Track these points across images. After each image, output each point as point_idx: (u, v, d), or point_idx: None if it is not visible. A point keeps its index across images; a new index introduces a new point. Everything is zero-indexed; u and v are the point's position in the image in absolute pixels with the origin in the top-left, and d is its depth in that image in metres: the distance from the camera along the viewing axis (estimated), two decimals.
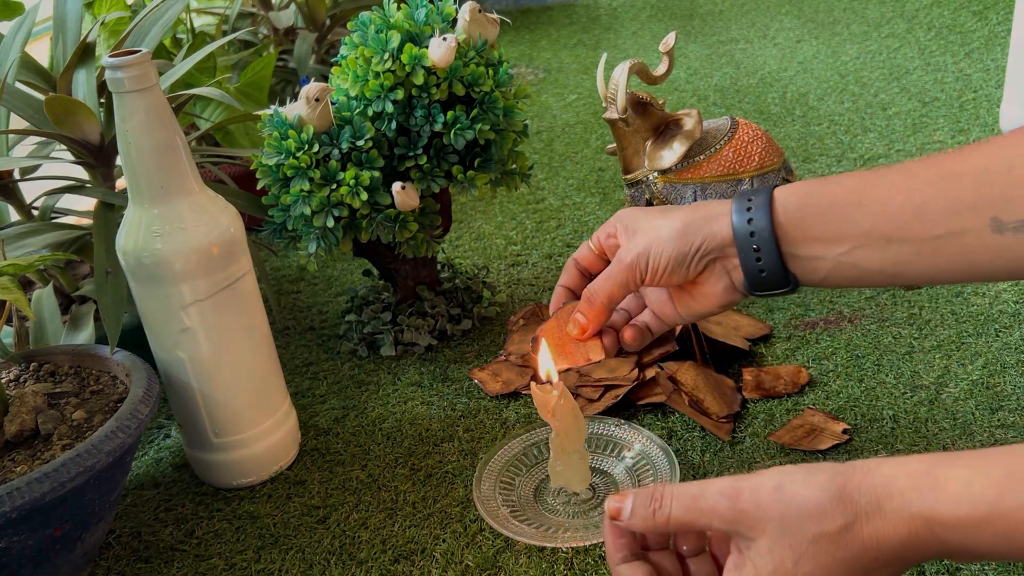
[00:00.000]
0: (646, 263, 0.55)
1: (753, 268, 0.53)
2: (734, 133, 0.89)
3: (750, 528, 0.41)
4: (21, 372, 0.71)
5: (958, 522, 0.37)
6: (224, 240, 0.66)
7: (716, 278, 0.55)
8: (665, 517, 0.44)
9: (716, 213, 0.54)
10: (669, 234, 0.54)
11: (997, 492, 0.36)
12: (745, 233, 0.52)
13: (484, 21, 0.80)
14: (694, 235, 0.54)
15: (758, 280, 0.53)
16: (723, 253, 0.54)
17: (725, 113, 1.44)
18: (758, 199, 0.52)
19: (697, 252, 0.54)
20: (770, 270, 0.52)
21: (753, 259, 0.52)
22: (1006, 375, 0.74)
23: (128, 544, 0.69)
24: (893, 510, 0.38)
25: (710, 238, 0.53)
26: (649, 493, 0.45)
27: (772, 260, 0.52)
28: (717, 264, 0.54)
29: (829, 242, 0.51)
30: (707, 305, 0.57)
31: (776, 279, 0.53)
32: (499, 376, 0.82)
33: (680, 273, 0.54)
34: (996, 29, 1.64)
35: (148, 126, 0.61)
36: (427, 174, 0.80)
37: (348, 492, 0.71)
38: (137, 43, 0.86)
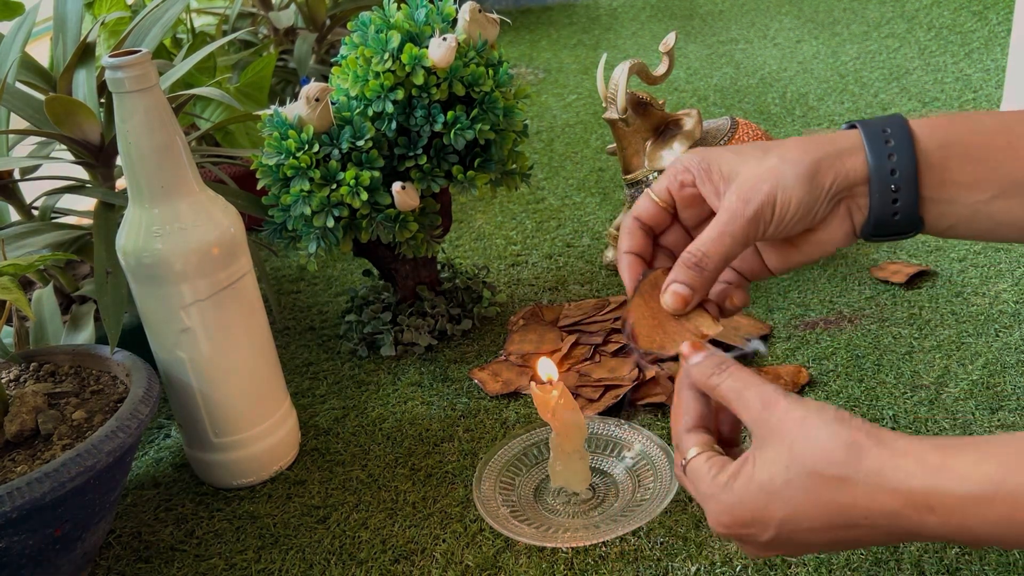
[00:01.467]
0: (772, 211, 0.46)
1: (887, 211, 0.46)
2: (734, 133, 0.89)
3: (765, 436, 0.43)
4: (21, 372, 0.71)
5: (959, 499, 0.37)
6: (224, 240, 0.66)
7: (839, 222, 0.48)
8: (716, 383, 0.46)
9: (846, 147, 0.46)
10: (796, 175, 0.46)
11: (1003, 472, 0.36)
12: (885, 172, 0.45)
13: (484, 21, 0.80)
14: (826, 174, 0.46)
15: (888, 223, 0.47)
16: (853, 192, 0.47)
17: (725, 113, 1.44)
18: (896, 131, 0.46)
19: (828, 192, 0.46)
20: (905, 212, 0.46)
21: (889, 200, 0.46)
22: (1006, 375, 0.74)
23: (128, 544, 0.69)
24: (894, 480, 0.39)
25: (842, 177, 0.46)
26: (719, 359, 0.46)
27: (909, 202, 0.46)
28: (843, 205, 0.47)
29: (969, 187, 0.45)
30: (816, 253, 0.49)
31: (908, 221, 0.47)
32: (499, 376, 0.82)
33: (807, 220, 0.47)
34: (996, 29, 1.64)
35: (148, 126, 0.61)
36: (427, 174, 0.80)
37: (348, 492, 0.71)
38: (137, 43, 0.86)
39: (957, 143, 0.46)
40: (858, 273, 0.92)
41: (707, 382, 0.46)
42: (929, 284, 0.89)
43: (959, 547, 0.58)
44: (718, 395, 0.46)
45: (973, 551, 0.58)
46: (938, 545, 0.58)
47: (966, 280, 0.88)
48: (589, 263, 1.02)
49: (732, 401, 0.45)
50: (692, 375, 0.47)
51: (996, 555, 0.57)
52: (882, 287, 0.89)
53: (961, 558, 0.57)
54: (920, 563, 0.57)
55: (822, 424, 0.41)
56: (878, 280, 0.90)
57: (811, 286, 0.91)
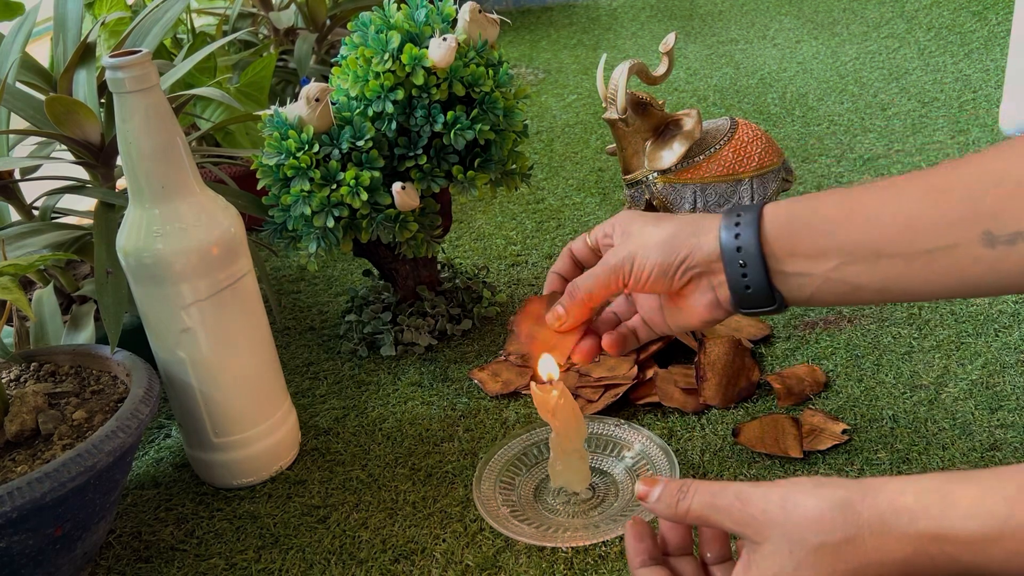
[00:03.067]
0: (630, 268, 0.55)
1: (739, 284, 0.52)
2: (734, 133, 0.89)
3: (756, 532, 0.42)
4: (21, 372, 0.71)
5: (967, 539, 0.36)
6: (224, 240, 0.66)
7: (701, 292, 0.55)
8: (685, 508, 0.45)
9: (705, 227, 0.53)
10: (656, 242, 0.54)
11: (1009, 508, 0.36)
12: (732, 248, 0.52)
13: (484, 21, 0.80)
14: (680, 246, 0.53)
15: (744, 297, 0.53)
16: (709, 268, 0.53)
17: (725, 113, 1.44)
18: (747, 215, 0.52)
19: (682, 264, 0.54)
20: (756, 287, 0.52)
21: (739, 275, 0.52)
22: (1006, 375, 0.74)
23: (128, 544, 0.69)
24: (898, 527, 0.38)
25: (696, 251, 0.53)
26: (678, 484, 0.46)
27: (758, 277, 0.52)
28: (703, 279, 0.54)
29: (817, 257, 0.50)
30: (691, 318, 0.56)
31: (762, 296, 0.52)
32: (499, 376, 0.82)
33: (663, 283, 0.54)
34: (996, 29, 1.64)
35: (148, 126, 0.61)
36: (427, 174, 0.80)
37: (348, 492, 0.71)
38: (137, 43, 0.86)
39: (801, 218, 0.51)
40: None
41: (676, 512, 0.46)
42: None
43: None
44: (692, 519, 0.45)
45: None
46: None
47: None
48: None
49: (709, 517, 0.44)
50: (658, 511, 0.47)
51: None
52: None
53: None
54: None
55: (805, 496, 0.41)
56: None
57: None
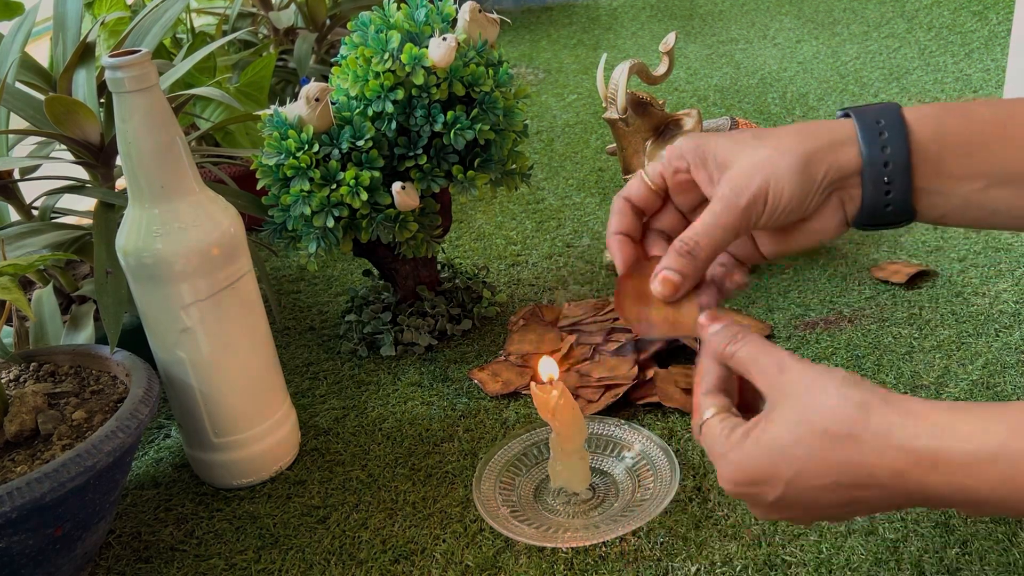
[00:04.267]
0: (764, 204, 0.46)
1: (880, 202, 0.46)
2: None
3: (777, 399, 0.43)
4: (21, 372, 0.71)
5: (963, 459, 0.37)
6: (224, 240, 0.66)
7: (831, 212, 0.48)
8: (732, 352, 0.46)
9: (840, 138, 0.46)
10: (789, 167, 0.46)
11: (1008, 433, 0.37)
12: (878, 164, 0.45)
13: (484, 21, 0.80)
14: (819, 166, 0.46)
15: (880, 214, 0.47)
16: (846, 183, 0.47)
17: (725, 113, 1.44)
18: (890, 122, 0.45)
19: (821, 183, 0.46)
20: (897, 204, 0.46)
21: (883, 192, 0.46)
22: (1006, 375, 0.74)
23: (128, 544, 0.69)
24: (900, 437, 0.39)
25: (835, 169, 0.46)
26: (735, 330, 0.47)
27: (902, 193, 0.46)
28: (835, 196, 0.47)
29: (963, 178, 0.46)
30: (808, 242, 0.50)
31: (900, 212, 0.47)
32: (499, 376, 0.82)
33: (800, 210, 0.47)
34: (996, 29, 1.64)
35: (148, 126, 0.61)
36: (427, 174, 0.80)
37: (348, 492, 0.71)
38: (137, 43, 0.86)
39: (951, 134, 0.46)
40: (858, 273, 0.92)
41: (723, 351, 0.47)
42: (929, 284, 0.89)
43: (959, 547, 0.58)
44: (735, 363, 0.47)
45: (973, 552, 0.58)
46: (938, 545, 0.58)
47: (966, 280, 0.88)
48: (589, 263, 1.02)
49: (748, 368, 0.46)
50: (710, 345, 0.48)
51: (996, 555, 0.57)
52: (882, 287, 0.89)
53: (961, 558, 0.57)
54: (920, 563, 0.57)
55: (833, 385, 0.42)
56: (878, 280, 0.90)
57: (811, 286, 0.91)
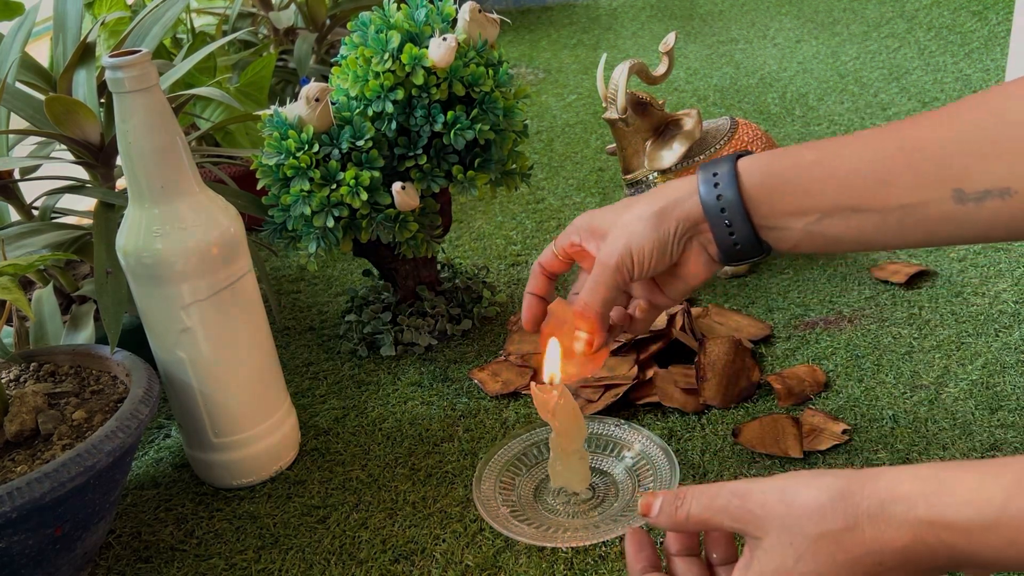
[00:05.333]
0: (631, 260, 0.55)
1: (727, 241, 0.54)
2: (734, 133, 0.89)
3: (756, 528, 0.42)
4: (21, 372, 0.71)
5: (964, 526, 0.36)
6: (224, 240, 0.66)
7: (696, 255, 0.56)
8: (684, 513, 0.46)
9: (685, 193, 0.55)
10: (645, 226, 0.55)
11: (1005, 496, 0.36)
12: (716, 208, 0.53)
13: (484, 21, 0.80)
14: (668, 220, 0.54)
15: (733, 251, 0.55)
16: (697, 229, 0.55)
17: (725, 113, 1.44)
18: (722, 171, 0.53)
19: (675, 234, 0.55)
20: (743, 241, 0.54)
21: (726, 233, 0.54)
22: (1006, 375, 0.74)
23: (128, 544, 0.69)
24: (897, 514, 0.38)
25: (684, 219, 0.54)
26: (674, 493, 0.47)
27: (744, 231, 0.53)
28: (694, 241, 0.56)
29: (796, 214, 0.52)
30: (693, 282, 0.58)
31: (750, 248, 0.54)
32: (499, 376, 0.82)
33: (664, 260, 0.55)
34: (996, 29, 1.64)
35: (148, 126, 0.61)
36: (427, 174, 0.80)
37: (348, 492, 0.71)
38: (137, 43, 0.86)
39: (778, 175, 0.52)
40: (858, 273, 0.92)
41: (675, 520, 0.46)
42: (929, 284, 0.89)
43: None
44: (692, 524, 0.46)
45: None
46: None
47: (966, 280, 0.88)
48: None
49: (709, 520, 0.45)
50: (661, 524, 0.47)
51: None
52: (882, 287, 0.89)
53: None
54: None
55: (803, 487, 0.41)
56: (878, 280, 0.90)
57: (811, 286, 0.91)
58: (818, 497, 0.40)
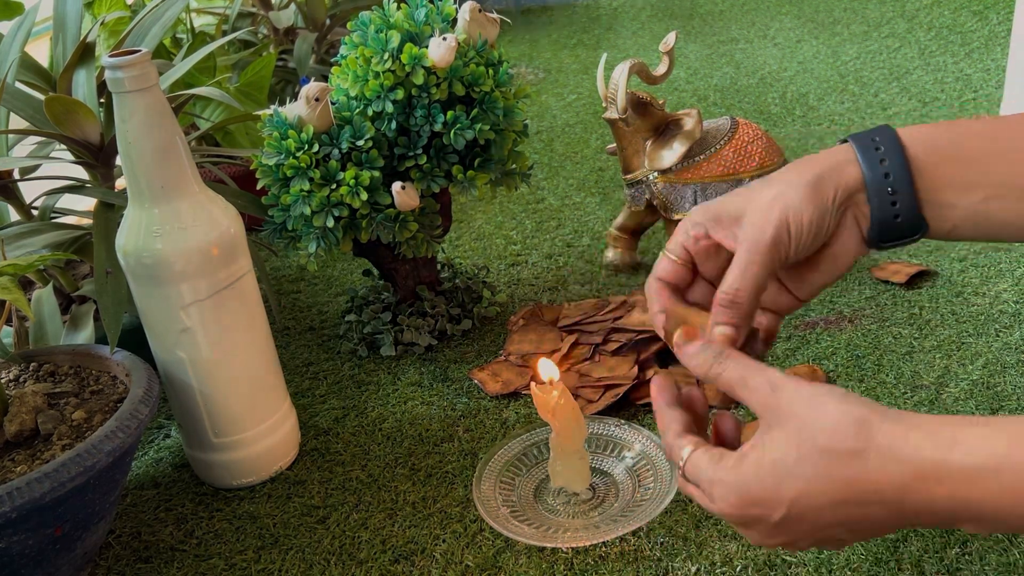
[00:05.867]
0: (788, 233, 0.48)
1: (888, 214, 0.48)
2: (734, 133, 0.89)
3: (774, 419, 0.43)
4: (21, 372, 0.71)
5: (966, 472, 0.37)
6: (224, 240, 0.66)
7: (849, 231, 0.50)
8: (718, 371, 0.46)
9: (841, 160, 0.49)
10: (801, 195, 0.48)
11: (1009, 445, 0.37)
12: (879, 177, 0.47)
13: (484, 21, 0.80)
14: (827, 187, 0.48)
15: (891, 227, 0.49)
16: (853, 200, 0.49)
17: (725, 113, 1.44)
18: (885, 140, 0.48)
19: (834, 204, 0.48)
20: (905, 216, 0.48)
21: (888, 204, 0.48)
22: (1006, 375, 0.74)
23: (128, 544, 0.69)
24: (904, 452, 0.39)
25: (843, 186, 0.48)
26: (718, 348, 0.47)
27: (908, 204, 0.48)
28: (848, 214, 0.49)
29: (963, 189, 0.47)
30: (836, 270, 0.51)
31: (910, 224, 0.48)
32: (499, 376, 0.82)
33: (821, 235, 0.49)
34: (996, 29, 1.64)
35: (148, 126, 0.61)
36: (427, 174, 0.80)
37: (348, 492, 0.71)
38: (137, 43, 0.86)
39: (944, 148, 0.48)
40: (858, 273, 0.92)
41: (708, 372, 0.46)
42: (929, 284, 0.89)
43: (959, 547, 0.58)
44: (721, 383, 0.46)
45: (973, 551, 0.58)
46: (938, 545, 0.58)
47: (966, 280, 0.88)
48: (589, 263, 1.02)
49: (737, 388, 0.45)
50: (691, 365, 0.47)
51: (996, 556, 0.57)
52: (882, 287, 0.89)
53: (961, 558, 0.57)
54: (920, 563, 0.57)
55: (831, 402, 0.41)
56: (878, 280, 0.90)
57: None
58: (839, 415, 0.41)
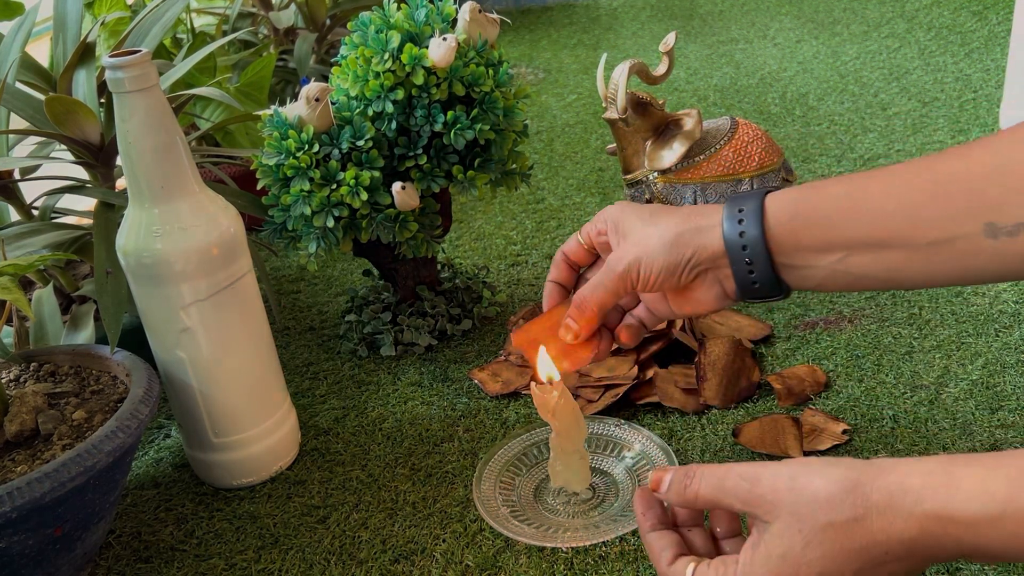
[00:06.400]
0: (637, 273, 0.55)
1: (746, 279, 0.53)
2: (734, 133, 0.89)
3: (766, 512, 0.43)
4: (21, 372, 0.71)
5: (970, 520, 0.37)
6: (224, 240, 0.66)
7: (708, 286, 0.55)
8: (694, 493, 0.46)
9: (707, 224, 0.53)
10: (659, 245, 0.54)
11: (1009, 490, 0.37)
12: (737, 246, 0.52)
13: (484, 21, 0.80)
14: (685, 247, 0.54)
15: (751, 290, 0.54)
16: (715, 264, 0.54)
17: (725, 113, 1.44)
18: (749, 207, 0.52)
19: (688, 263, 0.54)
20: (762, 280, 0.53)
21: (745, 271, 0.53)
22: (1006, 375, 0.74)
23: (128, 544, 0.69)
24: (905, 506, 0.39)
25: (701, 250, 0.53)
26: (685, 471, 0.47)
27: (764, 271, 0.52)
28: (709, 274, 0.55)
29: (822, 251, 0.51)
30: (699, 308, 0.57)
31: (769, 288, 0.53)
32: (499, 376, 0.82)
33: (671, 282, 0.55)
34: (996, 29, 1.64)
35: (148, 126, 0.61)
36: (427, 174, 0.80)
37: (348, 492, 0.71)
38: (137, 43, 0.86)
39: (805, 213, 0.51)
40: None
41: (685, 497, 0.47)
42: None
43: None
44: (702, 503, 0.47)
45: None
46: None
47: None
48: None
49: (719, 500, 0.46)
50: (670, 499, 0.48)
51: None
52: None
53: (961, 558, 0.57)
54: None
55: (814, 476, 0.41)
56: None
57: None
58: (828, 487, 0.41)
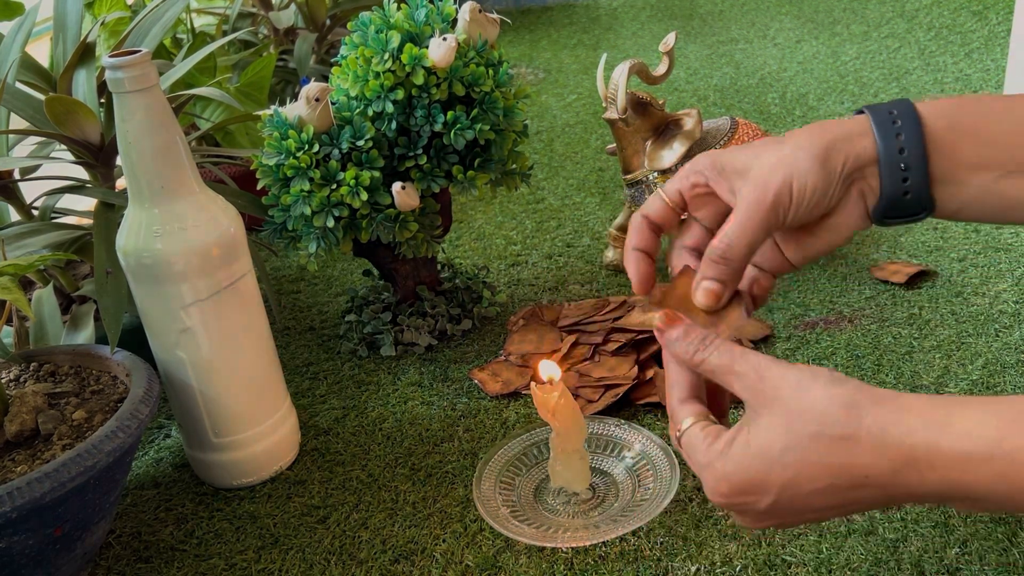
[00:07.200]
0: (789, 197, 0.46)
1: (898, 190, 0.47)
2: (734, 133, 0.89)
3: (761, 404, 0.42)
4: (21, 372, 0.71)
5: (958, 456, 0.37)
6: (224, 240, 0.66)
7: (853, 204, 0.48)
8: (702, 359, 0.45)
9: (855, 130, 0.47)
10: (809, 159, 0.46)
11: (1002, 431, 0.36)
12: (893, 152, 0.46)
13: (484, 21, 0.80)
14: (837, 156, 0.46)
15: (899, 204, 0.47)
16: (863, 174, 0.47)
17: (725, 113, 1.44)
18: (903, 113, 0.46)
19: (842, 175, 0.47)
20: (916, 193, 0.47)
21: (900, 180, 0.46)
22: (1006, 375, 0.74)
23: (128, 544, 0.69)
24: (896, 436, 0.38)
25: (853, 158, 0.47)
26: (703, 335, 0.46)
27: (920, 181, 0.46)
28: (854, 187, 0.48)
29: (977, 168, 0.46)
30: (833, 240, 0.50)
31: (917, 202, 0.47)
32: (499, 376, 0.82)
33: (823, 203, 0.47)
34: (996, 29, 1.64)
35: (148, 126, 0.61)
36: (427, 174, 0.80)
37: (348, 492, 0.71)
38: (137, 43, 0.86)
39: (964, 125, 0.46)
40: (858, 273, 0.92)
41: (692, 359, 0.46)
42: (929, 284, 0.89)
43: (959, 547, 0.58)
44: (705, 371, 0.45)
45: (973, 551, 0.58)
46: (938, 545, 0.58)
47: (966, 280, 0.88)
48: (589, 263, 1.02)
49: (723, 375, 0.44)
50: (674, 352, 0.46)
51: (996, 555, 0.57)
52: (882, 287, 0.89)
53: (961, 558, 0.57)
54: (920, 563, 0.57)
55: (819, 386, 0.41)
56: (878, 280, 0.90)
57: (811, 286, 0.91)
58: (827, 400, 0.40)
